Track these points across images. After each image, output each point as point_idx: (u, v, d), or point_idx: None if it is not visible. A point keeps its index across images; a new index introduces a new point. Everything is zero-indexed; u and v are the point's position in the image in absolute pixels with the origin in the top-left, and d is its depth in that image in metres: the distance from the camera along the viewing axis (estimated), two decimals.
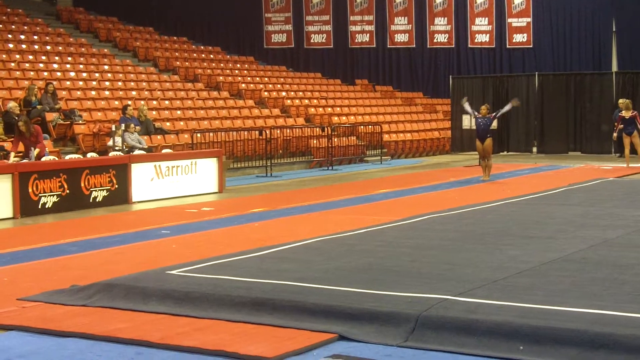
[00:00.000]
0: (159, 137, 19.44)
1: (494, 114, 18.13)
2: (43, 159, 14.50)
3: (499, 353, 5.27)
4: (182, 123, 21.47)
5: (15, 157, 14.21)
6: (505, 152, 27.44)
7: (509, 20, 32.95)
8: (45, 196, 13.35)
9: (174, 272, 7.43)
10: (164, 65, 27.27)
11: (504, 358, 5.23)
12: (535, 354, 5.20)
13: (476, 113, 18.09)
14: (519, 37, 32.94)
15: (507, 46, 33.03)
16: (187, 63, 27.78)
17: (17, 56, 22.65)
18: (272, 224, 11.62)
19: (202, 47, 31.14)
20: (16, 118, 16.73)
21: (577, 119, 26.97)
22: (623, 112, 20.99)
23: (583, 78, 27.38)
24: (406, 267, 7.63)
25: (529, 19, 32.83)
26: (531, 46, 32.87)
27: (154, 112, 21.13)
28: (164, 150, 17.86)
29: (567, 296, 6.26)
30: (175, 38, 30.81)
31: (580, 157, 25.56)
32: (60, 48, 24.74)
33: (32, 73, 21.53)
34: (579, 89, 27.02)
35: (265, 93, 27.01)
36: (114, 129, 17.31)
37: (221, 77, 27.12)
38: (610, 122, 24.92)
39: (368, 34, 33.69)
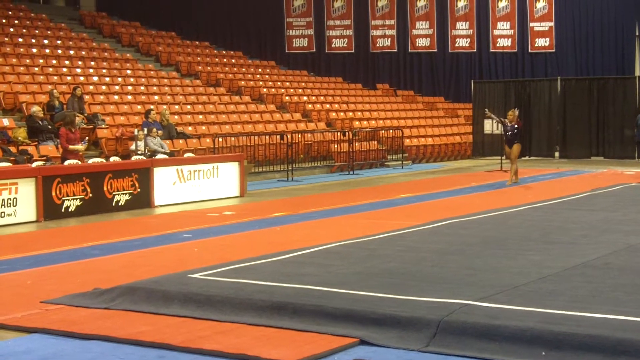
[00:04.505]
0: (181, 141, 19.53)
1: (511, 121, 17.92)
2: (66, 162, 14.60)
3: (521, 359, 5.25)
4: (204, 127, 21.55)
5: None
6: (527, 157, 27.28)
7: (531, 24, 32.80)
8: (68, 200, 13.45)
9: (195, 275, 7.46)
10: (186, 70, 27.41)
11: None
12: None
13: (503, 120, 18.10)
14: (541, 42, 32.78)
15: (529, 50, 32.89)
16: (209, 68, 27.89)
17: (41, 61, 22.83)
18: (293, 229, 11.64)
19: (224, 52, 31.27)
20: (40, 122, 16.90)
21: (599, 124, 26.81)
22: None
23: (606, 82, 27.22)
24: (427, 272, 7.62)
25: (551, 23, 32.67)
26: (553, 50, 32.71)
27: (176, 117, 21.24)
28: (186, 155, 17.94)
29: (589, 302, 6.22)
30: (197, 43, 30.98)
31: (603, 162, 25.40)
32: (83, 53, 24.92)
33: (55, 78, 21.69)
34: (602, 94, 26.85)
35: (287, 97, 27.05)
36: (136, 133, 17.42)
37: (243, 82, 27.21)
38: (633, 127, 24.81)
39: (389, 39, 33.66)
